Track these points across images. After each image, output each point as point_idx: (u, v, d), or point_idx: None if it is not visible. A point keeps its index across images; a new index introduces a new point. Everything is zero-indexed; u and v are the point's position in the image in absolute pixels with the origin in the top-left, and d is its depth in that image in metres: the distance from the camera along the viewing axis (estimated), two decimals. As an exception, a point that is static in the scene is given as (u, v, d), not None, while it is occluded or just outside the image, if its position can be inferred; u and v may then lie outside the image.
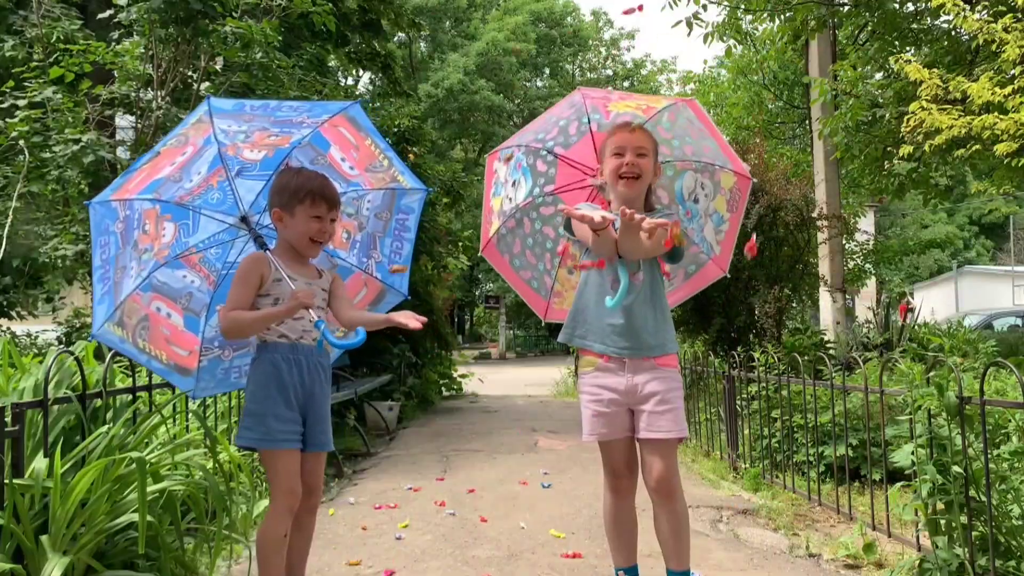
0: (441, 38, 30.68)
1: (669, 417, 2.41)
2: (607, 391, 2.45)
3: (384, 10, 10.75)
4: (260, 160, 2.60)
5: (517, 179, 2.93)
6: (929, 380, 2.86)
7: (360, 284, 2.88)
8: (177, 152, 2.53)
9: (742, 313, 7.29)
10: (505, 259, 3.03)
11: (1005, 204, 28.66)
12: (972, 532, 2.61)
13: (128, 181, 2.52)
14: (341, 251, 2.84)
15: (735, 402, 5.13)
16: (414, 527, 3.74)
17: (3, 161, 5.43)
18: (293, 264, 2.48)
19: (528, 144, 2.87)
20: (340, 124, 2.62)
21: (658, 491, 2.40)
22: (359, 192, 2.79)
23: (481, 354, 25.26)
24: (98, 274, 2.51)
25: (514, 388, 12.95)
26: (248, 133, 2.56)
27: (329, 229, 2.48)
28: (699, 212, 2.77)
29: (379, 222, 2.86)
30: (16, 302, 8.03)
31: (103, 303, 2.51)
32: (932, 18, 8.73)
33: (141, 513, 2.27)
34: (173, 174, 2.54)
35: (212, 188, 2.62)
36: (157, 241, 2.59)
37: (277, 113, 2.62)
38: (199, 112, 2.49)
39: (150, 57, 5.79)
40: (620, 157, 2.43)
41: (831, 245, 8.67)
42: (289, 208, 2.43)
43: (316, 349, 2.46)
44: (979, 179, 13.85)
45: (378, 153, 2.74)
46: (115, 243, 2.51)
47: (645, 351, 2.43)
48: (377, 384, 7.49)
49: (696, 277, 2.95)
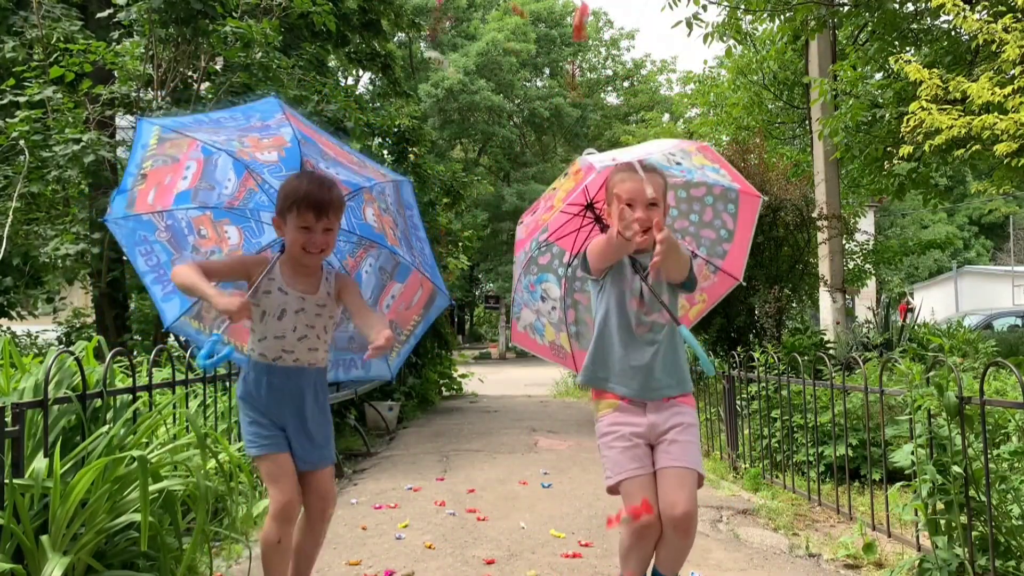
0: (441, 38, 30.69)
1: (690, 448, 2.35)
2: (628, 427, 2.39)
3: (384, 10, 10.75)
4: (278, 160, 2.59)
5: (542, 292, 2.95)
6: (929, 380, 2.86)
7: (417, 283, 2.83)
8: (172, 170, 2.52)
9: (742, 313, 7.29)
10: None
11: (1005, 204, 28.68)
12: (972, 532, 2.61)
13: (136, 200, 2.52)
14: (397, 248, 2.78)
15: (735, 402, 5.13)
16: (414, 527, 3.74)
17: (3, 161, 5.43)
18: (296, 275, 2.43)
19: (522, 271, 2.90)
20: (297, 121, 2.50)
21: (679, 525, 2.29)
22: (380, 186, 2.72)
23: (481, 354, 25.25)
24: (149, 278, 2.60)
25: (514, 388, 12.95)
26: (239, 140, 2.54)
27: (320, 239, 2.37)
28: (690, 168, 2.72)
29: (401, 218, 2.80)
30: (16, 302, 8.04)
31: (169, 300, 2.63)
32: (932, 18, 8.74)
33: (144, 512, 2.27)
34: (197, 184, 2.56)
35: (254, 192, 2.66)
36: (224, 243, 2.68)
37: (227, 124, 2.56)
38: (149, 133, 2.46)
39: (150, 57, 5.79)
40: (630, 209, 2.32)
41: (831, 245, 8.67)
42: (282, 216, 2.40)
43: (298, 370, 2.40)
44: (979, 179, 13.86)
45: (345, 150, 2.67)
46: (163, 250, 2.59)
47: (666, 391, 2.40)
48: (377, 384, 7.49)
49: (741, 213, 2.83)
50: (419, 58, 28.26)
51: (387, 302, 2.83)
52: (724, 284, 2.93)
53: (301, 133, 2.49)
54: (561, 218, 2.79)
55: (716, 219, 2.83)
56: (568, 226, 2.84)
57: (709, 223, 2.84)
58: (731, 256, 2.88)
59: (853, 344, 7.58)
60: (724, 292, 2.98)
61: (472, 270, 25.83)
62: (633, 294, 2.42)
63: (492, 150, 30.12)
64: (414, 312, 2.87)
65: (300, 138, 2.51)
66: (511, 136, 29.63)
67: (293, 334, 2.40)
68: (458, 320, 30.67)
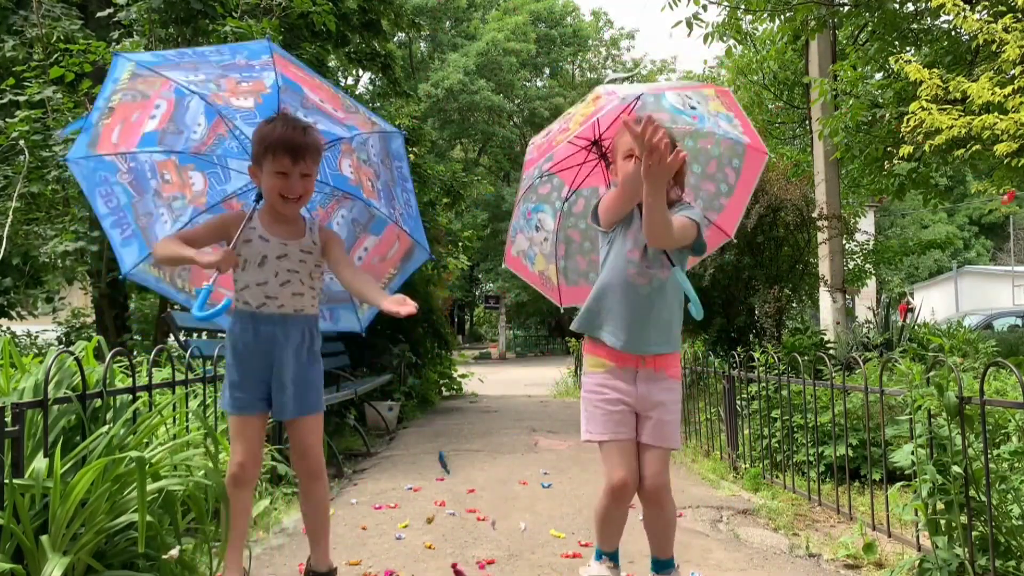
0: (441, 38, 30.68)
1: (672, 428, 2.47)
2: (616, 392, 2.45)
3: (384, 10, 10.74)
4: (254, 107, 2.54)
5: (537, 221, 2.95)
6: (929, 380, 2.86)
7: (393, 237, 2.80)
8: (141, 107, 2.46)
9: (742, 313, 7.29)
10: (581, 284, 3.03)
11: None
12: (972, 532, 2.61)
13: (100, 137, 2.45)
14: (373, 200, 2.74)
15: (735, 402, 5.13)
16: (414, 527, 3.74)
17: (3, 161, 5.43)
18: (276, 223, 2.42)
19: (521, 196, 2.89)
20: (286, 64, 2.46)
21: (651, 498, 2.46)
22: (361, 136, 2.67)
23: (481, 354, 25.26)
24: (108, 220, 2.52)
25: (514, 388, 12.95)
26: (216, 82, 2.48)
27: (299, 185, 2.34)
28: (704, 115, 2.71)
29: (386, 170, 2.75)
30: (16, 302, 8.04)
31: (128, 245, 2.56)
32: (932, 18, 8.74)
33: (141, 512, 2.27)
34: (165, 126, 2.49)
35: (224, 138, 2.60)
36: (187, 189, 2.62)
37: (209, 58, 2.49)
38: (124, 68, 2.38)
39: (150, 57, 5.78)
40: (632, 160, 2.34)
41: (831, 245, 8.67)
42: (258, 162, 2.37)
43: (283, 317, 2.40)
44: (979, 179, 13.85)
45: (339, 95, 2.63)
46: (123, 192, 2.51)
47: (655, 347, 2.44)
48: (377, 384, 7.49)
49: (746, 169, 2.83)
50: (419, 58, 28.26)
51: (359, 254, 2.80)
52: (715, 239, 2.94)
53: (284, 79, 2.43)
54: (567, 149, 2.79)
55: (719, 172, 2.82)
56: (572, 159, 2.83)
57: (711, 175, 2.82)
58: (727, 211, 2.89)
59: (853, 344, 7.58)
60: (714, 247, 2.99)
61: (472, 270, 25.83)
62: (636, 245, 2.42)
63: (492, 150, 30.14)
64: (389, 265, 2.83)
65: (281, 85, 2.45)
66: (511, 136, 29.63)
67: (275, 279, 2.39)
68: (458, 320, 30.67)
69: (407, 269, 2.87)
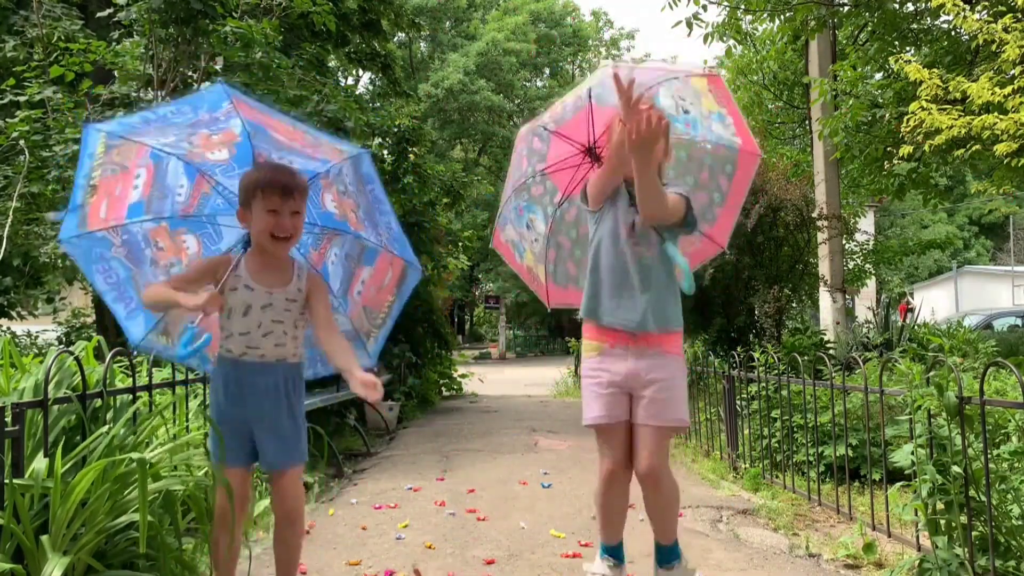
0: (441, 38, 30.68)
1: (668, 405, 2.41)
2: (607, 373, 2.43)
3: (384, 10, 10.74)
4: (229, 159, 2.54)
5: (528, 220, 2.93)
6: (929, 380, 2.86)
7: (387, 264, 2.78)
8: (122, 179, 2.46)
9: (742, 313, 7.30)
10: (570, 288, 3.02)
11: (1005, 204, 28.66)
12: (972, 532, 2.61)
13: (88, 215, 2.45)
14: (361, 232, 2.73)
15: (735, 402, 5.13)
16: (414, 527, 3.74)
17: (3, 161, 5.43)
18: (263, 270, 2.40)
19: (513, 190, 2.85)
20: (245, 107, 2.44)
21: (646, 480, 2.42)
22: (336, 167, 2.65)
23: (481, 354, 25.25)
24: (110, 296, 2.54)
25: (514, 388, 12.95)
26: (188, 140, 2.48)
27: (288, 223, 2.34)
28: (697, 119, 2.70)
29: (363, 196, 2.73)
30: (16, 302, 8.03)
31: (134, 319, 2.58)
32: (932, 18, 8.74)
33: (142, 512, 2.26)
34: (150, 193, 2.49)
35: (208, 196, 2.61)
36: (183, 254, 2.62)
37: (173, 120, 2.48)
38: (95, 141, 2.39)
39: (150, 57, 5.79)
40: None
41: (831, 245, 8.67)
42: (247, 206, 2.37)
43: (263, 366, 2.38)
44: (979, 179, 13.84)
45: (298, 129, 2.60)
46: (121, 266, 2.52)
47: (650, 324, 2.41)
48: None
49: (739, 173, 2.83)
50: (419, 58, 28.26)
51: (358, 289, 2.77)
52: (708, 250, 2.93)
53: (251, 124, 2.43)
54: (562, 148, 2.77)
55: (712, 180, 2.80)
56: (567, 163, 2.82)
57: (704, 185, 2.80)
58: (719, 222, 2.87)
59: (853, 344, 7.58)
60: (706, 258, 2.98)
61: (472, 270, 25.81)
62: (625, 223, 2.41)
63: (492, 150, 30.12)
64: (387, 293, 2.81)
65: (251, 130, 2.44)
66: (511, 136, 29.57)
67: (258, 330, 2.38)
68: (458, 320, 30.67)
69: (404, 293, 2.86)
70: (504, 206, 2.99)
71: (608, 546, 2.62)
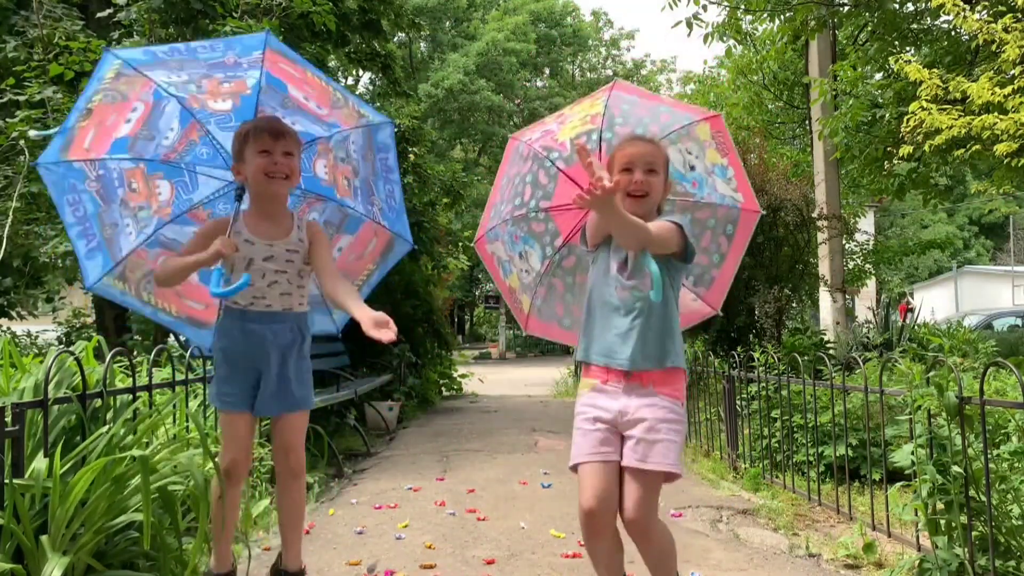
0: (441, 38, 30.69)
1: (656, 448, 2.16)
2: (595, 409, 2.27)
3: (384, 10, 10.74)
4: (231, 111, 2.53)
5: (522, 250, 2.87)
6: (929, 380, 2.86)
7: (371, 234, 2.79)
8: (118, 109, 2.44)
9: (742, 313, 7.29)
10: (552, 325, 2.98)
11: (1005, 204, 28.70)
12: (972, 532, 2.61)
13: (73, 141, 2.43)
14: (348, 200, 2.73)
15: (735, 402, 5.13)
16: (414, 527, 3.74)
17: (3, 161, 5.43)
18: (261, 222, 2.42)
19: (512, 216, 2.81)
20: (277, 60, 2.43)
21: (631, 531, 2.17)
22: (342, 133, 2.66)
23: (481, 354, 25.24)
24: (75, 231, 2.48)
25: (514, 388, 12.94)
26: (197, 83, 2.47)
27: (283, 162, 2.34)
28: (702, 176, 2.67)
29: (367, 164, 2.72)
30: (16, 302, 8.04)
31: (93, 258, 2.51)
32: (932, 18, 8.74)
33: (146, 511, 2.27)
34: (138, 131, 2.48)
35: (195, 144, 2.59)
36: (154, 199, 2.59)
37: (199, 55, 2.46)
38: (110, 65, 2.37)
39: (150, 57, 5.78)
40: (629, 173, 2.29)
41: (831, 245, 8.67)
42: (240, 154, 2.37)
43: (271, 315, 2.41)
44: (979, 179, 13.85)
45: (328, 87, 2.60)
46: (91, 201, 2.48)
47: (645, 363, 2.25)
48: (377, 384, 7.50)
49: (739, 233, 2.79)
50: (419, 58, 28.26)
51: (333, 254, 2.77)
52: (700, 313, 2.91)
53: (269, 78, 2.42)
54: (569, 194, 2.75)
55: (712, 243, 2.78)
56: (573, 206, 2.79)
57: (705, 248, 2.77)
58: (716, 284, 2.84)
59: (853, 344, 7.58)
60: (698, 320, 2.94)
61: (472, 270, 25.80)
62: (617, 258, 2.34)
63: (492, 150, 30.12)
64: (367, 261, 2.82)
65: (263, 85, 2.43)
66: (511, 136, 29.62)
67: (262, 280, 2.40)
68: (458, 320, 30.67)
69: (387, 263, 2.85)
70: (496, 223, 2.90)
71: None
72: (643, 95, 2.76)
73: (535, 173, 2.74)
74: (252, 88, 2.46)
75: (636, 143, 2.36)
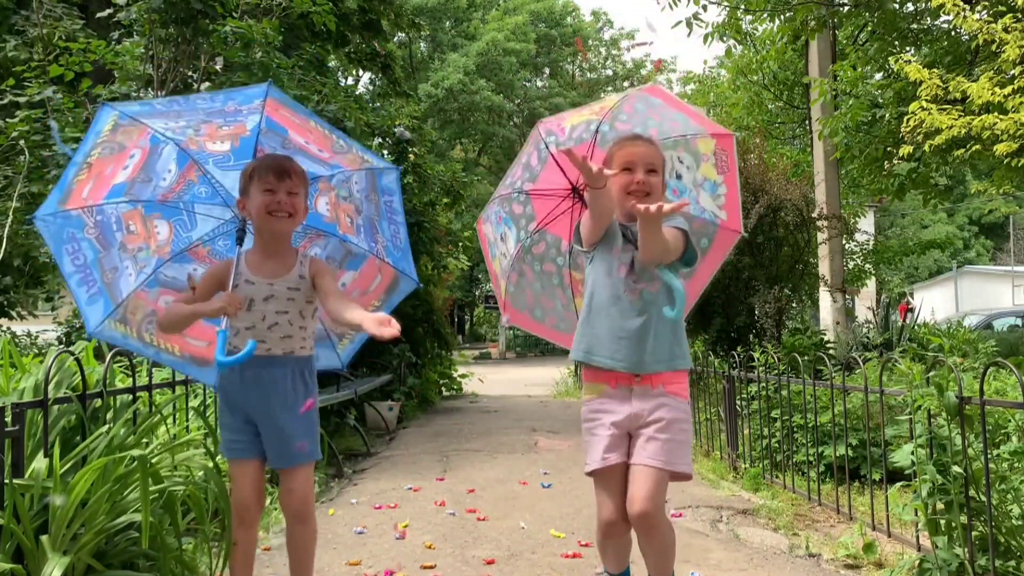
0: (441, 38, 30.68)
1: (668, 447, 2.23)
2: (608, 415, 2.30)
3: (384, 10, 10.75)
4: (229, 151, 2.53)
5: (503, 232, 2.88)
6: (929, 380, 2.86)
7: (375, 270, 2.78)
8: (116, 159, 2.44)
9: (742, 313, 7.30)
10: (526, 315, 2.98)
11: (1005, 204, 28.68)
12: (972, 532, 2.61)
13: (71, 193, 2.43)
14: (351, 236, 2.73)
15: (735, 402, 5.13)
16: (414, 527, 3.74)
17: (3, 161, 5.43)
18: (263, 262, 2.40)
19: (500, 195, 2.83)
20: (278, 108, 2.46)
21: (639, 524, 2.23)
22: (345, 174, 2.67)
23: (481, 354, 25.23)
24: (75, 279, 2.47)
25: (514, 388, 12.94)
26: (195, 128, 2.47)
27: (286, 201, 2.32)
28: (686, 187, 2.67)
29: (371, 204, 2.73)
30: (16, 302, 8.04)
31: (94, 304, 2.50)
32: (932, 18, 8.74)
33: (144, 511, 2.27)
34: (135, 176, 2.47)
35: (193, 183, 2.59)
36: (152, 240, 2.58)
37: (198, 104, 2.48)
38: (107, 119, 2.38)
39: (150, 57, 5.79)
40: (629, 173, 2.31)
41: (831, 245, 8.67)
42: (245, 192, 2.36)
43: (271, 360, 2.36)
44: (979, 179, 13.86)
45: (331, 135, 2.61)
46: (90, 248, 2.47)
47: (655, 365, 2.28)
48: (377, 384, 7.49)
49: (713, 249, 2.80)
50: (419, 58, 28.27)
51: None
52: None
53: (269, 122, 2.43)
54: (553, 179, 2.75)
55: None
56: (553, 193, 2.78)
57: None
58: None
59: (853, 344, 7.58)
60: None
61: (472, 270, 25.79)
62: (623, 262, 2.34)
63: (492, 150, 30.13)
64: (372, 297, 2.80)
65: (263, 128, 2.44)
66: (511, 136, 29.61)
67: (263, 323, 2.36)
68: (458, 320, 30.66)
69: (392, 300, 2.84)
70: (491, 202, 2.93)
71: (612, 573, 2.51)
72: (670, 101, 2.72)
73: (530, 155, 2.75)
74: (251, 130, 2.46)
75: (636, 143, 2.36)
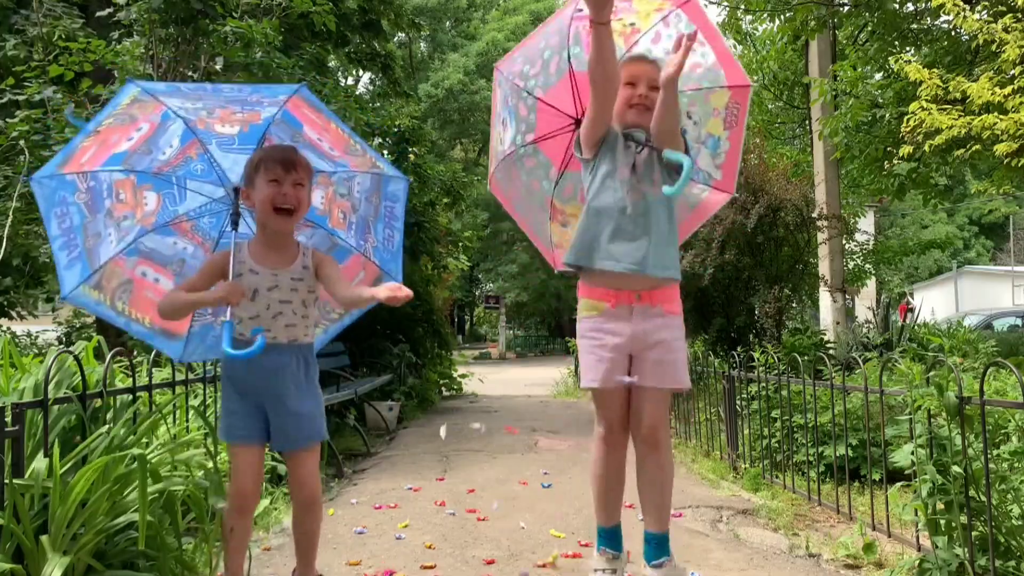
0: (441, 38, 30.68)
1: (673, 367, 2.39)
2: (611, 336, 2.37)
3: (384, 10, 10.75)
4: (236, 134, 2.54)
5: (504, 117, 2.86)
6: (929, 380, 2.86)
7: (359, 266, 2.81)
8: (124, 129, 2.46)
9: (742, 313, 7.30)
10: (508, 199, 2.98)
11: (1005, 204, 28.67)
12: (972, 532, 2.61)
13: (72, 157, 2.44)
14: (340, 231, 2.76)
15: (735, 402, 5.13)
16: (414, 527, 3.74)
17: (3, 161, 5.43)
18: (268, 253, 2.41)
19: (513, 79, 2.77)
20: (301, 106, 2.50)
21: (647, 440, 2.39)
22: (348, 172, 2.71)
23: (481, 354, 25.25)
24: (58, 243, 2.47)
25: (514, 388, 12.95)
26: (209, 110, 2.49)
27: (292, 193, 2.34)
28: (689, 143, 2.66)
29: (370, 206, 2.76)
30: (16, 302, 8.04)
31: (72, 268, 2.50)
32: (932, 18, 8.74)
33: (142, 511, 2.27)
34: (137, 147, 2.48)
35: (192, 160, 2.60)
36: (139, 209, 2.59)
37: (224, 93, 2.51)
38: (128, 93, 2.38)
39: (150, 57, 5.79)
40: (632, 87, 2.40)
41: (831, 245, 8.67)
42: (251, 182, 2.37)
43: (277, 348, 2.38)
44: (979, 179, 13.85)
45: (348, 138, 2.64)
46: (78, 212, 2.48)
47: (656, 269, 2.35)
48: (377, 384, 7.49)
49: (701, 207, 2.83)
50: (419, 58, 28.26)
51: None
52: None
53: (287, 115, 2.45)
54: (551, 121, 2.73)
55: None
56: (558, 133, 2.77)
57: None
58: None
59: (853, 344, 7.58)
60: None
61: (472, 270, 25.82)
62: (625, 163, 2.38)
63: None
64: None
65: (277, 119, 2.45)
66: (511, 136, 29.61)
67: (267, 312, 2.38)
68: (458, 320, 30.67)
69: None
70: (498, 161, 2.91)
71: (605, 530, 2.55)
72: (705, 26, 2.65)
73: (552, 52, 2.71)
74: (264, 119, 2.48)
75: (641, 62, 2.46)
